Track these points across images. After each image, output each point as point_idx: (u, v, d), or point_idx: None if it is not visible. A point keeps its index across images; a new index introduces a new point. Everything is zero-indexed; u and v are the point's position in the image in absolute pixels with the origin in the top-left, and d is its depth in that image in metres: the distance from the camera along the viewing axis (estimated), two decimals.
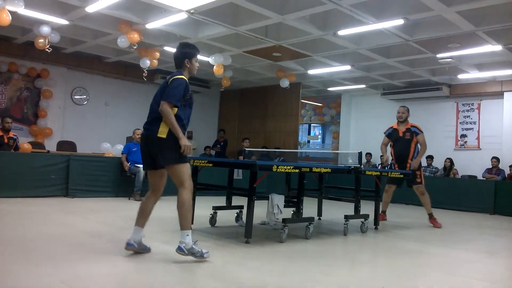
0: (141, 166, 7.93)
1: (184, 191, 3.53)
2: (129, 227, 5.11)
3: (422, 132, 6.46)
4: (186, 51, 3.73)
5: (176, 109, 3.52)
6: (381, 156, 6.80)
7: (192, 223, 5.04)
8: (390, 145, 6.69)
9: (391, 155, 6.69)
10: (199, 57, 3.86)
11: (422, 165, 11.00)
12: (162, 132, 3.49)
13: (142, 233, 3.65)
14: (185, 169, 3.57)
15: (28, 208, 6.05)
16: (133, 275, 3.16)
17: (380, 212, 6.43)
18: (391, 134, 6.63)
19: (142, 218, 3.67)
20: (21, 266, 3.14)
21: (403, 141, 6.45)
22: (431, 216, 6.54)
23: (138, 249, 3.62)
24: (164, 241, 4.35)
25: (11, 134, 7.99)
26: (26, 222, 5.04)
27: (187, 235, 3.48)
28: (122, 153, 8.18)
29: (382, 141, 6.76)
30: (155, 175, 3.70)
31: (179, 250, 3.45)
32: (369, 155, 12.17)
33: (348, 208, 5.93)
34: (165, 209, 7.11)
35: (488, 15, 6.87)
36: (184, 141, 3.48)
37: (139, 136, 8.31)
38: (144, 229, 3.65)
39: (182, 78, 3.59)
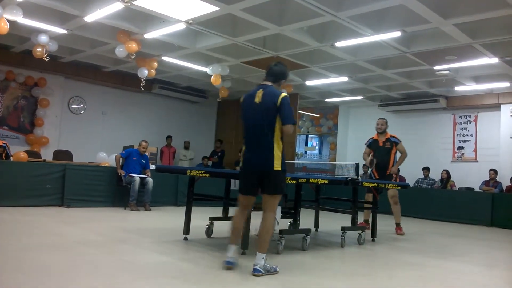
0: (136, 175, 7.87)
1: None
2: (124, 237, 5.10)
3: (400, 141, 6.82)
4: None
5: None
6: (363, 165, 7.04)
7: (188, 234, 5.02)
8: (371, 155, 6.95)
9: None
10: (197, 67, 3.87)
11: (419, 177, 11.17)
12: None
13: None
14: None
15: (23, 218, 5.99)
16: (128, 286, 3.11)
17: (363, 220, 6.70)
18: (372, 144, 6.96)
19: None
20: (14, 276, 3.09)
21: (383, 150, 6.78)
22: (398, 225, 6.72)
23: None
24: (160, 252, 4.31)
25: (0, 142, 7.89)
26: (20, 231, 4.99)
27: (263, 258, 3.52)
28: (120, 155, 8.11)
29: (364, 151, 7.09)
30: None
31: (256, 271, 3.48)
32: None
33: (345, 219, 5.90)
34: (157, 219, 7.11)
35: (485, 28, 6.91)
36: None
37: (144, 148, 8.25)
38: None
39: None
